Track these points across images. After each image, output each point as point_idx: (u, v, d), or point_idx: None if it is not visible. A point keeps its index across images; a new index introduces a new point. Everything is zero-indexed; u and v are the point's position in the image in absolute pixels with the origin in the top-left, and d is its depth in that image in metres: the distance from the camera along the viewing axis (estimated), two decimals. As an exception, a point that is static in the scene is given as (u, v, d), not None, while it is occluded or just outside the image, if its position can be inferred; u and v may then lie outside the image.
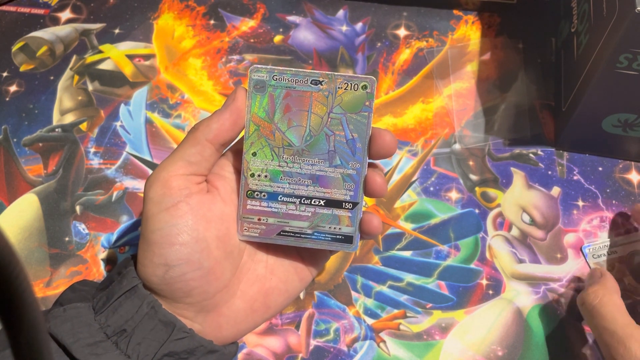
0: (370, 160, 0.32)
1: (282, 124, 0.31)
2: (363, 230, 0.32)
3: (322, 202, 0.32)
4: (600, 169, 0.44)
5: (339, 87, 0.31)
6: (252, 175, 0.32)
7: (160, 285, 0.30)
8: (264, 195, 0.32)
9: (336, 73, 0.31)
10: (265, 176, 0.32)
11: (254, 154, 0.32)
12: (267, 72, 0.31)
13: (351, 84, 0.31)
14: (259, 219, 0.32)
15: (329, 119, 0.31)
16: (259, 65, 0.31)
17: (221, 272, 0.31)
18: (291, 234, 0.32)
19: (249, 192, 0.32)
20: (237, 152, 0.33)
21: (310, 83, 0.31)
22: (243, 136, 0.32)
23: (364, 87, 0.31)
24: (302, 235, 0.32)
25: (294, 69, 0.31)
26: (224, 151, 0.33)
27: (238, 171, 0.33)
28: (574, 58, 0.43)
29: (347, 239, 0.32)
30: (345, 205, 0.32)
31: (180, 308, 0.30)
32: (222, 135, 0.31)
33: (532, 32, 0.51)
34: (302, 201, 0.32)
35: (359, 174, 0.31)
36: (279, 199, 0.32)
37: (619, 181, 0.44)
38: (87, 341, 0.28)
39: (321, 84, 0.31)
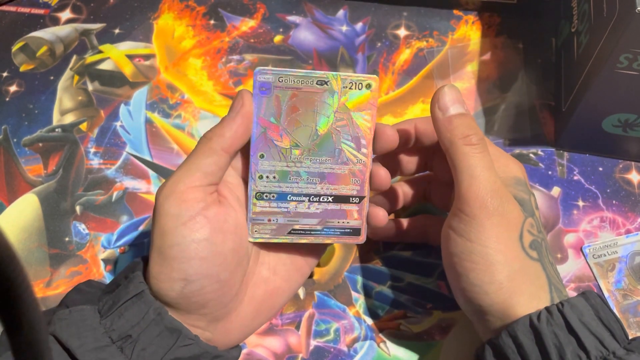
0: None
1: (289, 125, 0.32)
2: (370, 223, 0.33)
3: (330, 199, 0.33)
4: (600, 169, 0.44)
5: (344, 87, 0.31)
6: (261, 177, 0.32)
7: (177, 299, 0.30)
8: (273, 196, 0.32)
9: (341, 73, 0.31)
10: (274, 177, 0.32)
11: (262, 156, 0.32)
12: (273, 74, 0.31)
13: (356, 83, 0.31)
14: (269, 220, 0.33)
15: (335, 118, 0.32)
16: (264, 68, 0.31)
17: (234, 282, 0.31)
18: (301, 231, 0.33)
19: (258, 194, 0.32)
20: (237, 156, 0.33)
21: (316, 84, 0.31)
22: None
23: (368, 86, 0.31)
24: (312, 232, 0.33)
25: (299, 71, 0.31)
26: None
27: (239, 174, 0.33)
28: (574, 58, 0.43)
29: (355, 232, 0.33)
30: (352, 200, 0.33)
31: (193, 319, 0.30)
32: (237, 142, 0.31)
33: (532, 32, 0.51)
34: (311, 199, 0.33)
35: (365, 169, 0.32)
36: (288, 199, 0.33)
37: (619, 181, 0.44)
38: (92, 345, 0.28)
39: (327, 84, 0.31)
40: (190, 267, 0.29)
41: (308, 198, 0.32)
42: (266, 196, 0.32)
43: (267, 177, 0.32)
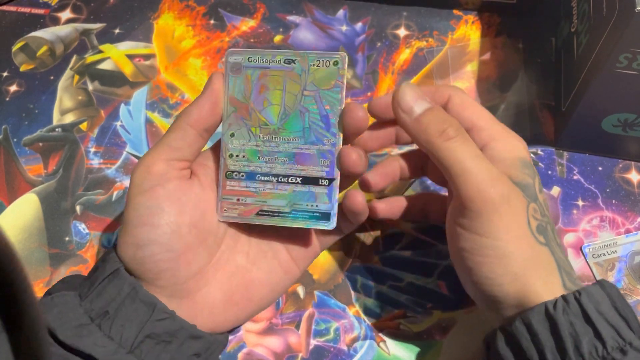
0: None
1: (258, 104, 0.32)
2: (347, 206, 0.32)
3: (299, 180, 0.32)
4: (600, 168, 0.44)
5: (311, 65, 0.32)
6: (231, 155, 0.32)
7: (131, 264, 0.31)
8: (242, 176, 0.33)
9: (308, 51, 0.32)
10: (244, 156, 0.32)
11: (232, 135, 0.32)
12: (242, 54, 0.32)
13: (323, 60, 0.31)
14: (238, 200, 0.33)
15: (303, 97, 0.32)
16: (235, 49, 0.32)
17: (193, 258, 0.32)
18: (269, 213, 0.33)
19: (228, 172, 0.33)
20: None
21: (284, 62, 0.32)
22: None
23: (336, 64, 0.31)
24: (280, 214, 0.33)
25: (267, 50, 0.32)
26: (211, 144, 0.34)
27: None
28: (574, 58, 0.43)
29: (325, 216, 0.33)
30: (321, 182, 0.32)
31: (153, 291, 0.31)
32: (202, 118, 0.32)
33: (532, 32, 0.51)
34: (280, 179, 0.32)
35: (334, 149, 0.32)
36: (257, 179, 0.33)
37: (618, 181, 0.44)
38: (72, 324, 0.29)
39: (294, 63, 0.32)
40: (141, 232, 0.30)
41: (276, 178, 0.32)
42: (236, 175, 0.33)
43: (237, 156, 0.32)
